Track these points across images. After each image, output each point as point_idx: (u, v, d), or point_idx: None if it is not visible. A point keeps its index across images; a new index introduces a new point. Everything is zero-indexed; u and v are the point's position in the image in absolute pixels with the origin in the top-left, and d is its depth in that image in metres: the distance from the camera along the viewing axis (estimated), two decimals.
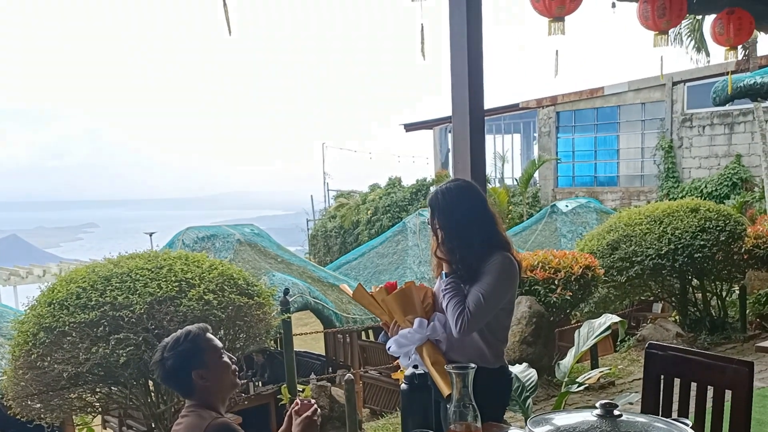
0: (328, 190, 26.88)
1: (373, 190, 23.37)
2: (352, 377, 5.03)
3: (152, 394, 4.86)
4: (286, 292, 5.64)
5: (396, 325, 2.74)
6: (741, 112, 15.01)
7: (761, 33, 10.14)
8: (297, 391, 5.35)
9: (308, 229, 25.77)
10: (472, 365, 2.19)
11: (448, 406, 2.19)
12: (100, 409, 5.36)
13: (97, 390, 4.91)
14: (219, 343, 2.46)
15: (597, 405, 1.78)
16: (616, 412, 1.75)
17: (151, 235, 21.17)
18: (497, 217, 2.83)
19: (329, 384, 5.64)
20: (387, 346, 2.78)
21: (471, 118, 3.43)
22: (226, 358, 2.44)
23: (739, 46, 12.29)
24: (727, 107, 14.45)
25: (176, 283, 4.76)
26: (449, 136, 22.63)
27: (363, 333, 10.49)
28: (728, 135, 15.52)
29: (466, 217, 2.72)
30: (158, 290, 4.67)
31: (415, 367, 2.38)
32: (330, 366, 10.28)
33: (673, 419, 1.91)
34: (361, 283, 2.92)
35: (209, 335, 2.44)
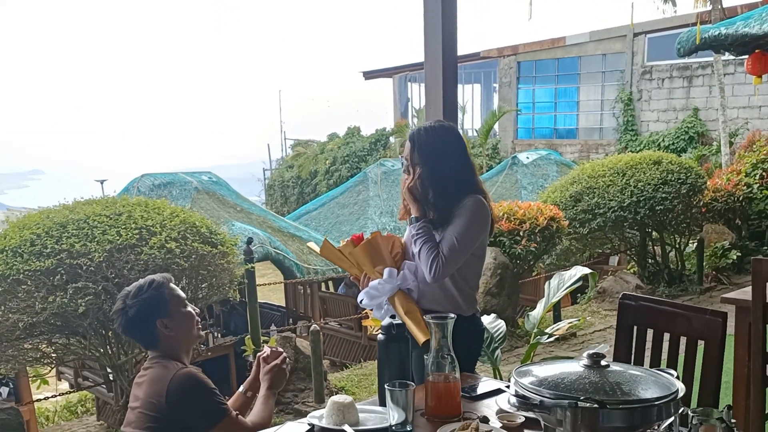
0: (285, 138, 26.52)
1: (331, 140, 23.12)
2: (318, 328, 4.98)
3: (112, 345, 4.74)
4: (250, 241, 5.52)
5: (366, 278, 2.68)
6: (700, 65, 15.11)
7: None
8: (261, 342, 5.29)
9: (265, 179, 25.46)
10: (452, 315, 2.15)
11: (425, 356, 2.16)
12: (56, 361, 5.22)
13: (54, 340, 4.77)
14: (182, 294, 2.41)
15: (584, 355, 1.74)
16: (603, 363, 1.71)
17: (102, 183, 20.66)
18: (475, 166, 2.77)
19: (294, 335, 5.59)
20: (359, 299, 2.72)
21: (444, 66, 3.33)
22: (189, 309, 2.39)
23: None
24: (686, 60, 14.54)
25: (136, 231, 4.61)
26: (409, 84, 22.39)
27: (323, 284, 10.47)
28: (687, 88, 15.65)
29: (447, 157, 2.65)
30: (118, 238, 4.52)
31: (393, 317, 2.32)
32: (290, 317, 10.25)
33: (658, 369, 1.89)
34: (327, 238, 2.85)
35: (172, 285, 2.38)
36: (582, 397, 1.56)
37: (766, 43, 6.51)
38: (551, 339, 3.78)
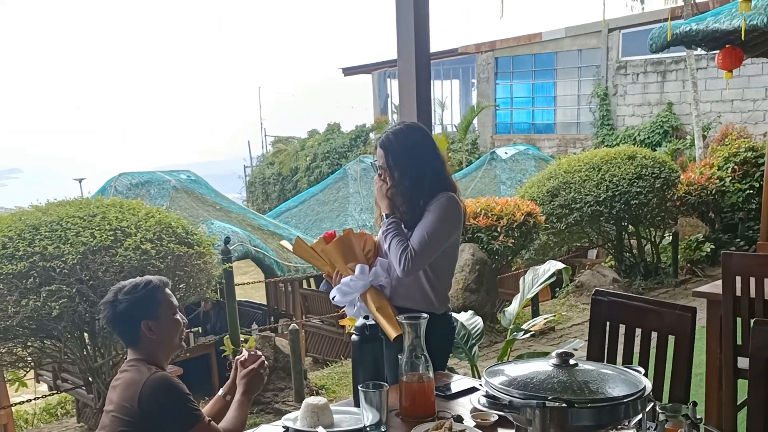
0: (265, 135, 26.41)
1: (311, 136, 23.06)
2: (297, 327, 4.98)
3: (88, 347, 4.70)
4: (227, 240, 5.51)
5: (338, 275, 2.69)
6: (673, 60, 15.25)
7: None
8: (240, 342, 5.28)
9: (246, 176, 25.35)
10: (424, 315, 2.17)
11: (399, 356, 2.17)
12: (33, 364, 5.17)
13: (29, 344, 4.72)
14: (175, 301, 2.40)
15: (553, 354, 1.76)
16: (571, 362, 1.74)
17: (80, 182, 20.43)
18: (446, 161, 2.80)
19: (273, 334, 5.58)
20: (331, 296, 2.73)
21: (417, 63, 3.35)
22: (178, 317, 2.38)
23: None
24: (660, 55, 14.65)
25: (111, 232, 4.56)
26: (389, 81, 22.39)
27: (305, 282, 10.46)
28: (661, 83, 15.80)
29: (418, 156, 2.67)
30: (92, 240, 4.47)
31: (366, 317, 2.33)
32: (272, 315, 10.22)
33: (626, 366, 1.92)
34: (300, 236, 2.86)
35: (168, 290, 2.38)
36: (550, 397, 1.58)
37: (736, 38, 6.58)
38: (527, 335, 3.81)
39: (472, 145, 19.04)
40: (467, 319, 3.93)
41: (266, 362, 2.47)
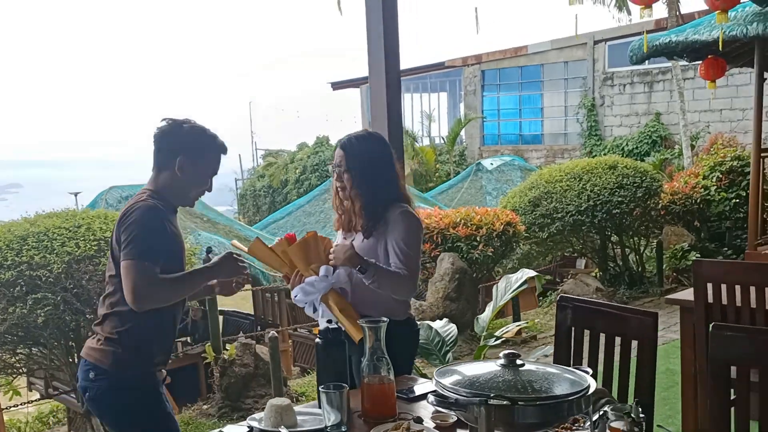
0: (256, 149, 26.52)
1: (301, 149, 23.16)
2: (276, 335, 5.04)
3: (75, 355, 4.82)
4: (209, 250, 5.58)
5: (298, 276, 2.72)
6: (660, 70, 15.38)
7: None
8: (222, 350, 5.34)
9: (237, 189, 25.41)
10: (384, 319, 2.23)
11: (361, 359, 2.23)
12: (23, 371, 5.38)
13: (18, 351, 4.93)
14: (218, 170, 2.57)
15: (500, 355, 1.83)
16: (518, 362, 1.80)
17: (76, 195, 20.45)
18: (402, 174, 2.88)
19: (254, 342, 5.64)
20: (293, 295, 2.76)
21: (387, 79, 3.42)
22: (211, 182, 2.54)
23: (662, 4, 12.49)
24: (646, 66, 14.79)
25: (95, 242, 4.74)
26: None
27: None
28: (648, 93, 15.93)
29: (375, 162, 2.75)
30: (76, 249, 4.65)
31: (329, 321, 2.39)
32: (259, 325, 10.24)
33: (575, 367, 1.98)
34: (259, 236, 2.91)
35: (222, 157, 2.54)
36: (492, 395, 1.65)
37: (717, 49, 6.67)
38: (499, 341, 3.88)
39: (460, 156, 19.15)
40: (442, 326, 4.01)
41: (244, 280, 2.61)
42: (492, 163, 13.15)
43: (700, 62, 7.44)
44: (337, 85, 24.13)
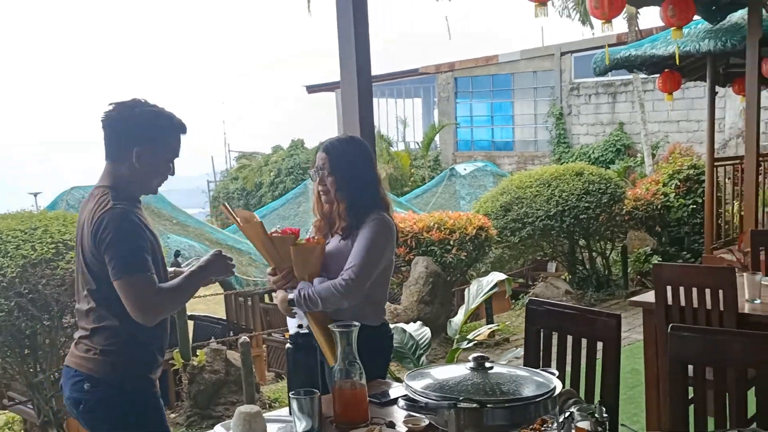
0: (229, 151, 26.37)
1: (275, 152, 23.09)
2: (248, 340, 5.02)
3: (29, 363, 4.62)
4: (177, 254, 5.53)
5: (286, 276, 2.69)
6: (623, 82, 15.82)
7: (634, 8, 10.68)
8: (190, 356, 5.28)
9: (209, 191, 25.24)
10: (356, 323, 2.22)
11: (333, 365, 2.23)
12: None
13: None
14: (180, 152, 2.36)
15: (470, 358, 1.86)
16: (487, 365, 1.83)
17: (35, 196, 20.10)
18: (380, 178, 2.89)
19: (225, 347, 5.60)
20: (294, 294, 2.66)
21: (359, 83, 3.42)
22: (172, 165, 2.34)
23: (623, 19, 12.94)
24: (610, 77, 15.19)
25: (52, 245, 4.50)
26: None
27: (266, 296, 10.43)
28: (612, 104, 16.39)
29: (357, 166, 2.75)
30: (32, 252, 4.41)
31: (300, 326, 2.39)
32: (231, 330, 10.16)
33: (543, 369, 2.02)
34: (262, 222, 2.82)
35: (182, 138, 2.34)
36: (461, 398, 1.68)
37: (674, 63, 6.93)
38: (471, 344, 3.92)
39: (435, 161, 19.28)
40: (416, 330, 4.04)
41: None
42: (465, 169, 13.29)
43: (658, 75, 7.75)
44: (312, 89, 24.14)
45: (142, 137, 2.24)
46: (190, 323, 6.91)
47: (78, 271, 2.35)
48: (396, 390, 2.49)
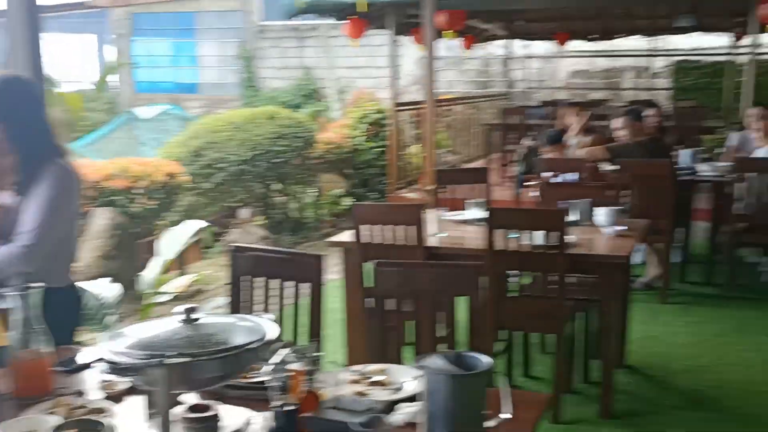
0: None
1: None
2: None
3: None
4: None
5: None
6: (311, 27, 16.08)
7: None
8: None
9: None
10: (40, 284, 1.96)
11: (11, 333, 1.94)
12: None
13: None
14: None
15: (175, 311, 1.71)
16: (194, 316, 1.69)
17: None
18: (55, 123, 2.58)
19: None
20: None
21: (29, 14, 3.00)
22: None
23: None
24: (298, 21, 15.41)
25: None
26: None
27: None
28: (299, 48, 16.57)
29: (28, 110, 2.44)
30: None
31: None
32: None
33: (256, 314, 1.95)
34: None
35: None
36: (168, 354, 1.53)
37: (360, 11, 7.23)
38: (169, 297, 3.71)
39: (110, 104, 17.91)
40: (101, 287, 3.69)
41: None
42: (147, 112, 12.46)
43: (345, 22, 8.07)
44: None
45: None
46: None
47: None
48: (85, 355, 2.24)
